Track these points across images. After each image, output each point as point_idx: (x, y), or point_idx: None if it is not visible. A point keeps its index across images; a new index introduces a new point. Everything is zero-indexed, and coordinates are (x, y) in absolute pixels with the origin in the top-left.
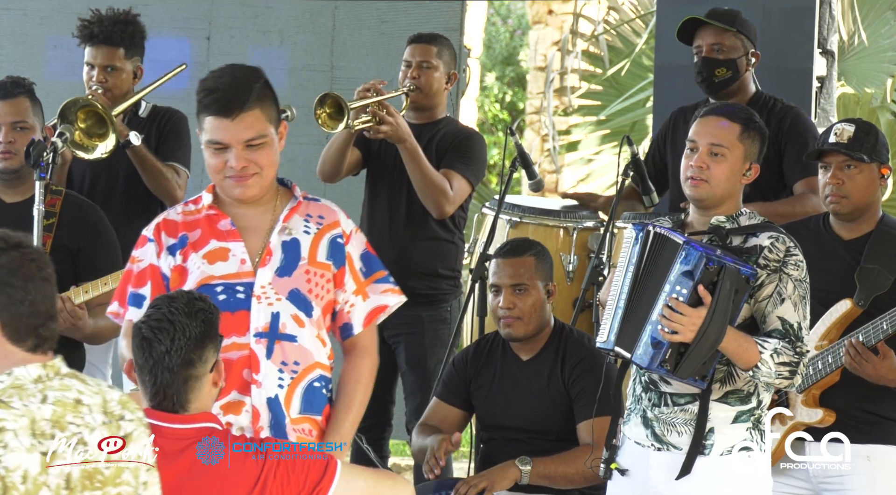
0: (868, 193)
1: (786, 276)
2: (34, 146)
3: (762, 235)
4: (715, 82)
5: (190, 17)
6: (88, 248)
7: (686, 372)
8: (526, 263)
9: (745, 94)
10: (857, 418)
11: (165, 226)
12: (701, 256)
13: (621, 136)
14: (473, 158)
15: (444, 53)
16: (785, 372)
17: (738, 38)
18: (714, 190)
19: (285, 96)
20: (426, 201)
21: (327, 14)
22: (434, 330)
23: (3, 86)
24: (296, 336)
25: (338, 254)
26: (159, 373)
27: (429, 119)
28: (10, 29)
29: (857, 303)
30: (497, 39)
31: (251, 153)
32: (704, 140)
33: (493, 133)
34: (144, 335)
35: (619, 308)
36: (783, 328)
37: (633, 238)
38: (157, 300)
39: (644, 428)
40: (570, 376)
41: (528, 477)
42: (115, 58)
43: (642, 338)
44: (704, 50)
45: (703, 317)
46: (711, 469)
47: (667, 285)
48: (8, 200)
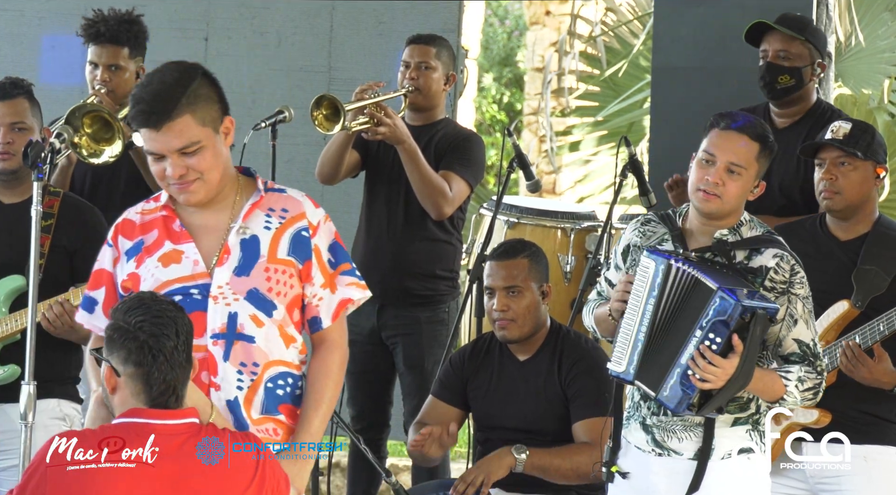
0: (861, 191)
1: (794, 297)
2: (32, 147)
3: (766, 253)
4: (777, 89)
5: (188, 17)
6: (86, 250)
7: (706, 412)
8: (519, 265)
9: (807, 103)
10: (854, 419)
11: (123, 227)
12: (737, 306)
13: (619, 137)
14: (472, 160)
15: (443, 54)
16: (809, 395)
17: (807, 47)
18: (724, 206)
19: (283, 97)
20: (425, 202)
21: (325, 15)
22: (432, 331)
23: (1, 86)
24: (254, 336)
25: (302, 248)
26: (169, 370)
27: (427, 120)
28: (7, 30)
29: (855, 305)
30: (494, 40)
31: (187, 159)
32: (725, 157)
33: (491, 134)
34: (151, 332)
35: (640, 341)
36: (801, 350)
37: (653, 271)
38: (133, 302)
39: (644, 434)
40: (566, 377)
41: (523, 466)
42: (119, 57)
43: (669, 380)
44: (770, 55)
45: (735, 366)
46: (713, 473)
47: (698, 330)
48: (6, 201)
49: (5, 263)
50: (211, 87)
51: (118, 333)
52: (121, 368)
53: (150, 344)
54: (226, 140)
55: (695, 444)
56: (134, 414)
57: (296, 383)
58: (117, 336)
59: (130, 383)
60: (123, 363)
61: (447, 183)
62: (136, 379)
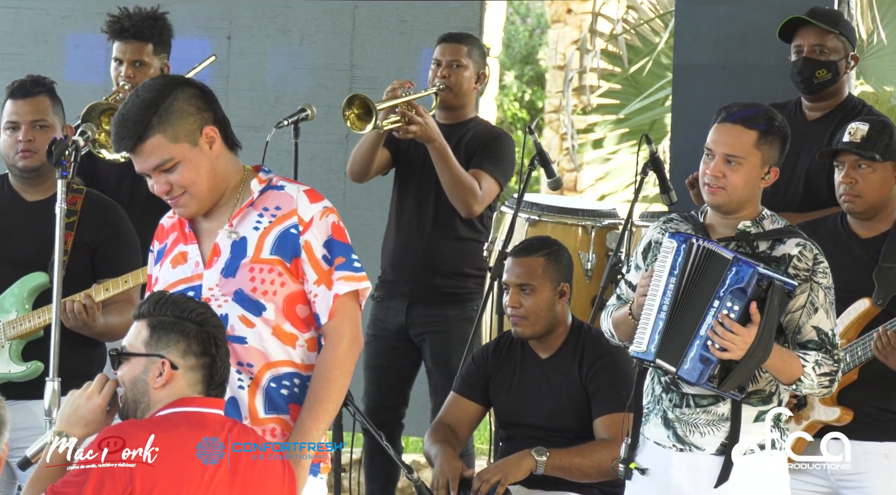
0: (882, 192)
1: (816, 285)
2: (56, 145)
3: (789, 242)
4: (815, 83)
5: (211, 16)
6: (108, 246)
7: (729, 387)
8: (534, 263)
9: (840, 97)
10: (875, 416)
11: (157, 232)
12: (754, 273)
13: (640, 135)
14: (502, 159)
15: (474, 53)
16: (825, 381)
17: (840, 40)
18: (731, 197)
19: (305, 95)
20: (455, 201)
21: (347, 13)
22: (460, 329)
23: (22, 85)
24: (245, 337)
25: (288, 245)
26: (227, 358)
27: (458, 119)
28: (32, 28)
29: (876, 302)
30: (516, 38)
31: (168, 176)
32: (720, 149)
33: (513, 131)
34: (214, 323)
35: (661, 319)
36: (819, 338)
37: (674, 250)
38: (173, 297)
39: (665, 429)
40: (587, 373)
41: (544, 468)
42: (143, 53)
43: (689, 353)
44: (805, 50)
45: (755, 335)
46: (735, 468)
47: (716, 301)
48: (29, 199)
49: (28, 260)
50: (188, 100)
51: (175, 327)
52: (181, 361)
53: (213, 334)
54: (211, 148)
55: (717, 439)
56: (186, 402)
57: (304, 382)
58: (176, 329)
59: (189, 374)
60: (184, 355)
61: (477, 181)
62: (197, 370)
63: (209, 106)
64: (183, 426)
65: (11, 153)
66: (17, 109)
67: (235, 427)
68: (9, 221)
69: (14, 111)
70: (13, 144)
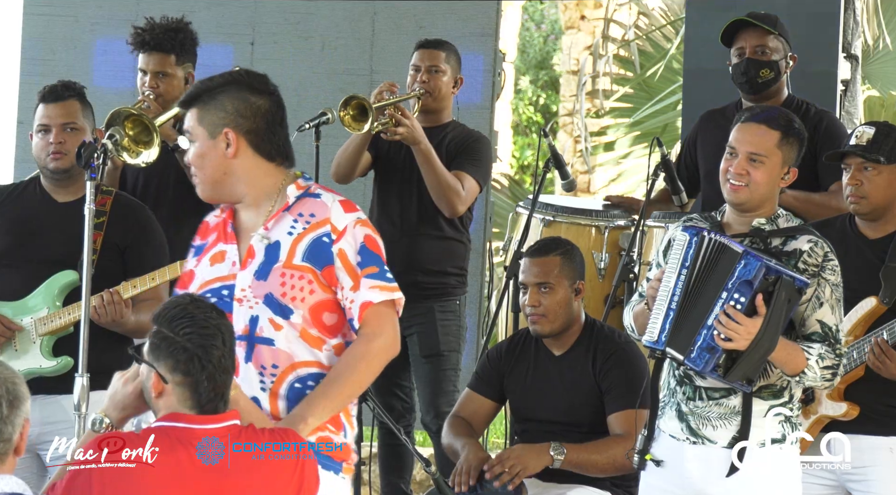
0: (888, 194)
1: (824, 281)
2: (85, 147)
3: (801, 238)
4: (759, 83)
5: (235, 23)
6: (137, 246)
7: (735, 377)
8: (551, 263)
9: (780, 96)
10: (881, 412)
11: (200, 228)
12: (761, 266)
13: (652, 138)
14: (482, 160)
15: (452, 58)
16: (828, 374)
17: (780, 41)
18: (753, 195)
19: (326, 99)
20: (439, 201)
21: (366, 20)
22: (444, 319)
23: (53, 89)
24: (273, 339)
25: (320, 254)
26: (219, 376)
27: (436, 122)
28: (62, 34)
29: (882, 301)
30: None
31: (190, 149)
32: (744, 148)
33: (527, 134)
34: (200, 343)
35: (672, 309)
36: (822, 331)
37: (686, 242)
38: (178, 311)
39: (679, 422)
40: (601, 370)
41: (561, 465)
42: (166, 64)
43: (696, 341)
44: (748, 51)
45: (759, 326)
46: (746, 461)
47: (724, 292)
48: (60, 200)
49: (59, 259)
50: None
51: (165, 343)
52: (168, 376)
53: (199, 355)
54: (228, 148)
55: (729, 433)
56: (176, 418)
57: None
58: (164, 345)
59: (178, 390)
60: (171, 371)
61: (460, 182)
62: (184, 387)
63: (252, 114)
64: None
65: (43, 155)
66: (48, 113)
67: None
68: (40, 221)
69: (46, 114)
70: (45, 147)
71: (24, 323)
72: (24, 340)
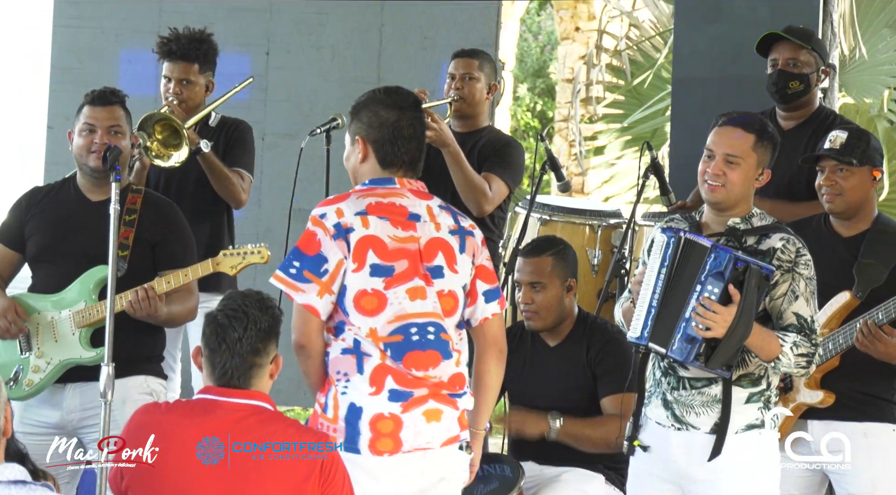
0: (860, 193)
1: (798, 275)
2: (110, 151)
3: (774, 237)
4: (788, 94)
5: (251, 34)
6: (166, 241)
7: (716, 364)
8: (543, 262)
9: (811, 107)
10: (855, 399)
11: None
12: (730, 258)
13: (642, 142)
14: (512, 163)
15: (486, 66)
16: (803, 362)
17: (812, 55)
18: (729, 194)
19: (336, 106)
20: (467, 200)
21: (374, 31)
22: None
23: (102, 94)
24: None
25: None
26: (229, 358)
27: (472, 127)
28: (89, 45)
29: (856, 295)
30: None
31: None
32: (721, 150)
33: (525, 139)
34: (220, 322)
35: (653, 307)
36: (798, 323)
37: (664, 243)
38: (231, 293)
39: (664, 410)
40: (594, 358)
41: (556, 433)
42: (190, 72)
43: (676, 334)
44: (780, 63)
45: (734, 313)
46: (727, 446)
47: (698, 285)
48: (93, 199)
49: (94, 255)
50: None
51: (207, 319)
52: (203, 350)
53: (217, 332)
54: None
55: (711, 419)
56: (206, 391)
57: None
58: (206, 321)
59: (205, 363)
60: (204, 345)
61: (488, 183)
62: (207, 360)
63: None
64: (190, 415)
65: (85, 153)
66: (95, 115)
67: (247, 419)
68: (76, 219)
69: (93, 116)
70: (88, 145)
71: (62, 316)
72: (63, 332)
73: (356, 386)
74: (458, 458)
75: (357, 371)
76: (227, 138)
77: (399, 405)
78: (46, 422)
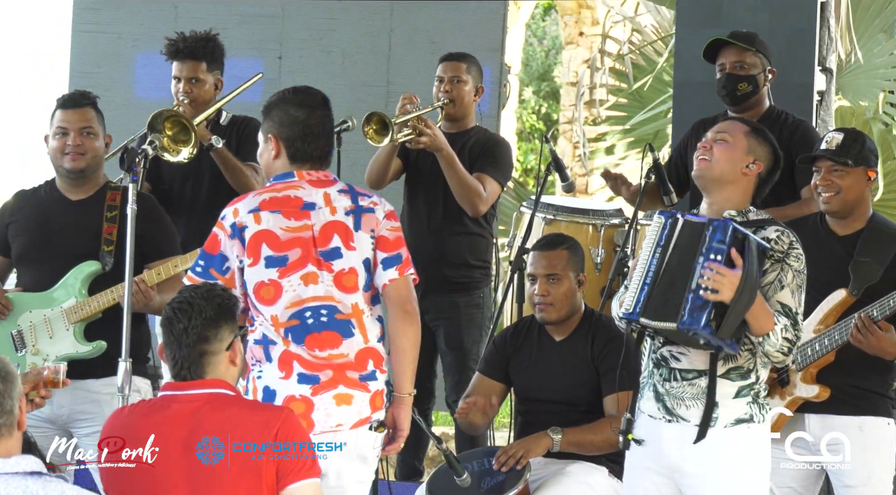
0: (856, 192)
1: (787, 267)
2: (127, 153)
3: (769, 228)
4: (737, 95)
5: (264, 38)
6: (149, 233)
7: (726, 333)
8: (559, 256)
9: (762, 107)
10: (850, 393)
11: None
12: (727, 225)
13: (644, 144)
14: (502, 162)
15: (473, 69)
16: (786, 346)
17: (758, 57)
18: (713, 168)
19: (346, 109)
20: (462, 202)
21: (384, 36)
22: (469, 314)
23: (72, 97)
24: None
25: None
26: (177, 349)
27: (460, 128)
28: (106, 50)
29: (851, 293)
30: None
31: None
32: (712, 133)
33: (530, 141)
34: (167, 315)
35: (647, 284)
36: (783, 311)
37: (661, 224)
38: (185, 287)
39: (656, 402)
40: (598, 355)
41: (560, 445)
42: (198, 71)
43: (686, 306)
44: (728, 67)
45: (740, 276)
46: (717, 440)
47: (700, 257)
48: (73, 198)
49: (79, 252)
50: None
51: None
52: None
53: (165, 325)
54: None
55: (701, 412)
56: (165, 387)
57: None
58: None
59: (165, 359)
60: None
61: (481, 183)
62: (165, 355)
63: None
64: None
65: (59, 155)
66: (67, 118)
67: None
68: (59, 220)
69: (65, 119)
70: (62, 148)
71: (54, 313)
72: (58, 328)
73: (268, 372)
74: (368, 438)
75: (266, 359)
76: (238, 135)
77: (309, 388)
78: (38, 415)
